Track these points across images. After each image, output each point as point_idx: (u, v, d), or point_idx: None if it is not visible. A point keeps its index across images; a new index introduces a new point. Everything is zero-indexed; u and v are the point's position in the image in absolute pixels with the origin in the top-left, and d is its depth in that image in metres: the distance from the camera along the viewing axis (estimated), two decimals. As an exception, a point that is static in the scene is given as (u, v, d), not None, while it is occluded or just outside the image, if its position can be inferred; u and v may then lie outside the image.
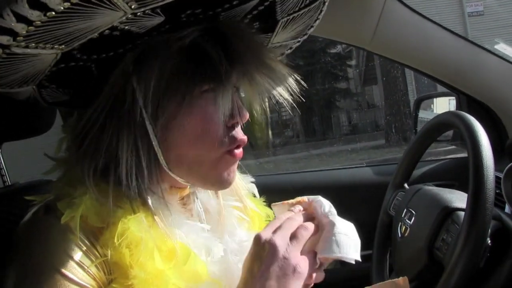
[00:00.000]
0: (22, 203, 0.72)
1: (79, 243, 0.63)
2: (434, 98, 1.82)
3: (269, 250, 0.65)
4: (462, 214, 0.93)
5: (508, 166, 1.11)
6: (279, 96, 0.75)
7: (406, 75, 11.74)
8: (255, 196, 0.94)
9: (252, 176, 0.94)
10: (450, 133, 1.59)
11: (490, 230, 0.88)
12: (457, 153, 1.87)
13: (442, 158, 1.77)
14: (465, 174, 0.94)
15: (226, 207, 0.84)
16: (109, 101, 0.68)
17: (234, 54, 0.67)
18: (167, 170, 0.70)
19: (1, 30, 0.50)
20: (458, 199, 1.01)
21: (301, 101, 0.78)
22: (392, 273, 1.20)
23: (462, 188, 1.06)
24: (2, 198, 0.93)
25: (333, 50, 15.46)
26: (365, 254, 1.54)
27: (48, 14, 0.49)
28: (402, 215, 1.14)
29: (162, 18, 0.62)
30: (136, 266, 0.62)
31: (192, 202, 0.79)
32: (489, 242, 0.89)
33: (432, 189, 1.13)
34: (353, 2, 1.30)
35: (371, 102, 16.33)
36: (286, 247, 0.66)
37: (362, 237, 0.74)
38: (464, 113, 1.02)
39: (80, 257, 0.62)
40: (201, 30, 0.67)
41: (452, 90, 1.54)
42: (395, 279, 0.72)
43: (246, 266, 0.67)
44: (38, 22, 0.50)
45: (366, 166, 1.83)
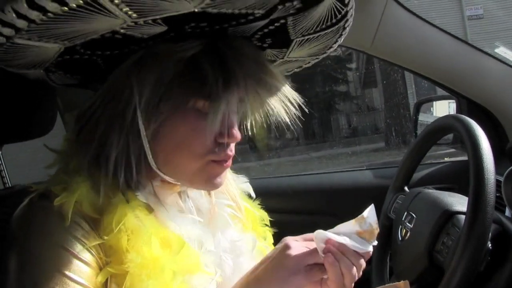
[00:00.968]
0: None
1: (78, 224, 0.65)
2: (434, 102, 1.82)
3: (282, 246, 0.72)
4: (463, 217, 0.93)
5: (508, 169, 1.10)
6: (277, 115, 0.77)
7: (406, 78, 11.73)
8: (251, 196, 0.95)
9: (251, 178, 0.95)
10: (450, 136, 1.59)
11: (490, 234, 0.88)
12: (457, 156, 1.86)
13: (442, 161, 1.77)
14: (465, 177, 0.94)
15: (219, 205, 0.86)
16: (107, 96, 0.71)
17: (231, 75, 0.68)
18: (156, 169, 0.72)
19: (3, 23, 0.52)
20: (459, 203, 1.01)
21: (297, 115, 0.79)
22: (392, 276, 1.20)
23: (463, 191, 1.06)
24: (2, 200, 0.93)
25: (333, 53, 15.47)
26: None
27: (48, 15, 0.50)
28: (403, 218, 1.14)
29: (165, 28, 0.63)
30: (132, 251, 0.63)
31: (183, 200, 0.80)
32: (489, 245, 0.88)
33: (432, 192, 1.13)
34: (353, 5, 1.30)
35: (371, 105, 16.33)
36: (296, 246, 0.71)
37: (362, 240, 0.74)
38: (464, 116, 1.02)
39: (80, 235, 0.64)
40: (204, 45, 0.68)
41: (452, 93, 1.54)
42: (396, 283, 0.72)
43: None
44: (38, 20, 0.51)
45: (366, 169, 1.82)
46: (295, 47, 0.81)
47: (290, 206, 1.72)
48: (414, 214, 1.10)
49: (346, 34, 0.80)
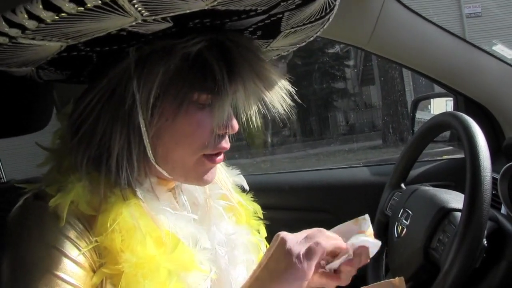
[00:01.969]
0: (17, 200, 0.71)
1: (72, 225, 0.65)
2: (432, 99, 1.82)
3: (279, 242, 0.69)
4: (459, 214, 0.93)
5: (504, 167, 1.11)
6: (273, 107, 0.77)
7: (404, 76, 11.74)
8: (244, 189, 0.96)
9: (248, 174, 0.95)
10: (447, 134, 1.59)
11: (486, 231, 0.88)
12: (454, 154, 1.87)
13: (439, 158, 1.77)
14: (462, 174, 0.95)
15: (214, 198, 0.86)
16: (106, 93, 0.70)
17: (236, 69, 0.69)
18: (155, 164, 0.72)
19: (11, 23, 0.51)
20: (455, 200, 1.02)
21: (294, 110, 0.80)
22: (388, 273, 1.20)
23: (459, 188, 1.06)
24: (-1, 195, 0.93)
25: (331, 50, 15.47)
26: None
27: (61, 15, 0.50)
28: (399, 215, 1.14)
29: (170, 24, 0.63)
30: (127, 251, 0.64)
31: (177, 195, 0.81)
32: (485, 242, 0.89)
33: (429, 189, 1.13)
34: (351, 2, 1.30)
35: (369, 102, 16.34)
36: (294, 243, 0.69)
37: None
38: (461, 113, 1.02)
39: (74, 236, 0.64)
40: (207, 41, 0.68)
41: (449, 90, 1.54)
42: (391, 279, 0.72)
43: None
44: (49, 21, 0.51)
45: (363, 166, 1.83)
46: (280, 38, 0.82)
47: (287, 202, 1.73)
48: (410, 211, 1.10)
49: (327, 25, 0.82)
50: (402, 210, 1.14)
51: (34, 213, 0.66)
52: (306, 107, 15.23)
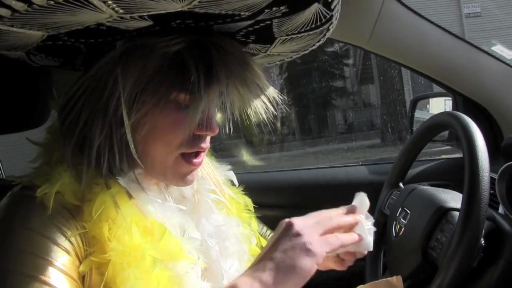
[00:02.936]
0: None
1: (59, 213, 0.66)
2: (430, 99, 1.82)
3: (284, 226, 0.69)
4: (457, 214, 0.94)
5: (502, 167, 1.11)
6: (257, 113, 0.79)
7: (403, 75, 11.76)
8: (234, 184, 0.96)
9: (247, 172, 0.95)
10: (445, 133, 1.59)
11: (484, 231, 0.88)
12: (452, 153, 1.87)
13: (437, 158, 1.77)
14: (460, 174, 0.95)
15: (202, 191, 0.87)
16: (91, 83, 0.71)
17: (213, 72, 0.69)
18: (136, 158, 0.73)
19: None
20: (453, 199, 1.02)
21: (277, 115, 0.81)
22: (385, 272, 1.20)
23: (457, 188, 1.06)
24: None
25: (330, 49, 15.46)
26: (359, 252, 1.55)
27: (32, 6, 0.50)
28: (397, 214, 1.14)
29: (150, 23, 0.63)
30: (114, 240, 0.64)
31: (165, 187, 0.82)
32: (482, 242, 0.89)
33: (427, 188, 1.13)
34: (351, 1, 1.30)
35: (367, 101, 16.35)
36: (302, 226, 0.68)
37: (356, 235, 0.74)
38: (460, 113, 1.02)
39: (60, 224, 0.65)
40: (189, 41, 0.69)
41: (448, 90, 1.54)
42: (389, 278, 0.72)
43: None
44: (22, 10, 0.51)
45: (361, 165, 1.83)
46: (278, 44, 0.82)
47: (285, 200, 1.73)
48: (408, 210, 1.10)
49: (329, 34, 0.81)
50: (400, 209, 1.14)
51: (21, 201, 0.68)
52: (305, 106, 15.24)
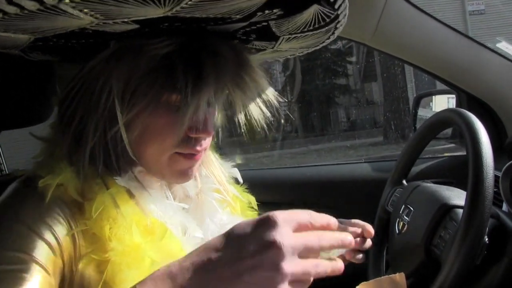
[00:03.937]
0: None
1: (58, 207, 0.65)
2: (434, 96, 1.82)
3: (264, 221, 0.50)
4: (460, 211, 0.93)
5: (506, 165, 1.11)
6: (251, 114, 0.77)
7: (406, 72, 11.73)
8: (238, 182, 0.96)
9: (249, 169, 0.95)
10: (449, 131, 1.59)
11: (487, 228, 0.88)
12: (455, 151, 1.86)
13: (440, 156, 1.77)
14: (463, 172, 0.94)
15: (206, 191, 0.86)
16: (84, 82, 0.71)
17: (204, 77, 0.68)
18: (133, 156, 0.72)
19: None
20: (457, 197, 1.01)
21: (277, 116, 0.80)
22: (388, 269, 1.20)
23: (461, 185, 1.06)
24: (0, 187, 0.93)
25: (333, 46, 15.42)
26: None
27: (8, 14, 0.49)
28: (400, 212, 1.14)
29: (137, 26, 0.62)
30: (114, 239, 0.64)
31: (168, 186, 0.81)
32: (486, 240, 0.89)
33: (430, 186, 1.13)
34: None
35: (370, 99, 16.32)
36: (286, 237, 0.49)
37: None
38: (464, 110, 1.02)
39: (55, 219, 0.64)
40: (178, 44, 0.68)
41: (452, 88, 1.54)
42: (392, 275, 0.72)
43: None
44: None
45: (364, 162, 1.83)
46: (284, 42, 0.80)
47: (288, 197, 1.73)
48: (411, 207, 1.10)
49: (340, 31, 0.78)
50: (403, 206, 1.14)
51: (21, 193, 0.68)
52: (307, 103, 15.21)
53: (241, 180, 0.96)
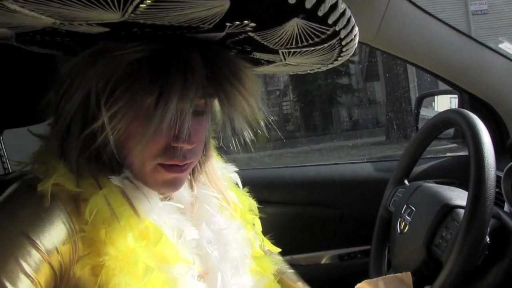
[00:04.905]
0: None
1: (56, 211, 0.64)
2: (436, 96, 1.82)
3: None
4: (462, 211, 0.93)
5: (508, 165, 1.11)
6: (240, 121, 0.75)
7: (408, 72, 11.70)
8: (238, 186, 0.95)
9: (251, 168, 0.95)
10: (451, 131, 1.59)
11: (489, 228, 0.88)
12: (457, 151, 1.86)
13: (442, 155, 1.77)
14: (465, 172, 0.95)
15: (204, 197, 0.84)
16: (67, 80, 0.69)
17: (169, 89, 0.65)
18: (119, 160, 0.71)
19: None
20: (458, 197, 1.02)
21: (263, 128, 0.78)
22: (390, 269, 1.20)
23: (462, 186, 1.06)
24: (3, 185, 0.93)
25: (335, 45, 15.37)
26: (363, 249, 1.55)
27: None
28: (402, 211, 1.14)
29: (106, 29, 0.60)
30: (109, 243, 0.63)
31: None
32: (487, 240, 0.89)
33: (432, 186, 1.13)
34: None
35: (373, 99, 16.30)
36: None
37: (361, 232, 0.74)
38: (466, 111, 1.02)
39: (52, 225, 0.63)
40: (150, 51, 0.65)
41: (454, 88, 1.54)
42: (398, 274, 0.72)
43: None
44: None
45: (366, 161, 1.83)
46: (289, 56, 0.75)
47: (290, 197, 1.73)
48: (413, 207, 1.10)
49: (351, 49, 0.73)
50: (405, 206, 1.14)
51: (20, 196, 0.67)
52: (310, 103, 15.20)
53: (241, 185, 0.94)
